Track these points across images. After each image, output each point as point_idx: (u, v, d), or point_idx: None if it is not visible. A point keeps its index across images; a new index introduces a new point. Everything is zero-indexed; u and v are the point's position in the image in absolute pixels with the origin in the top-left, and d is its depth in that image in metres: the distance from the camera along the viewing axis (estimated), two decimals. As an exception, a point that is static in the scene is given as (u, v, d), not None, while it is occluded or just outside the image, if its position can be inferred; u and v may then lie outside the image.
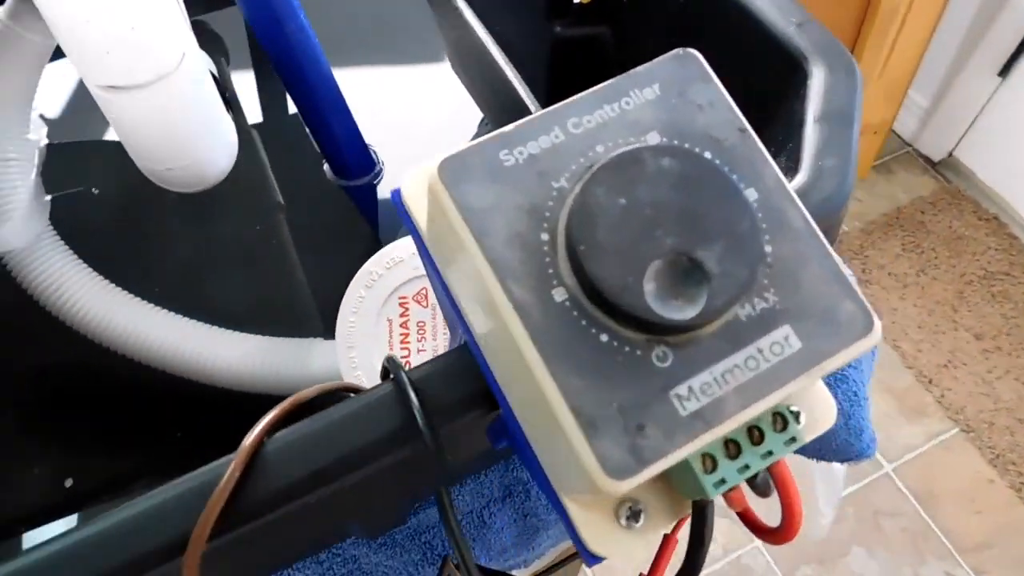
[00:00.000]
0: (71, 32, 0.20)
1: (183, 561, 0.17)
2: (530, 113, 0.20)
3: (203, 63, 0.23)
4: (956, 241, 1.36)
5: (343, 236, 0.44)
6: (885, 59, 1.24)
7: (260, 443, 0.18)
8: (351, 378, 0.30)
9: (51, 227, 0.38)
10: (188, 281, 0.41)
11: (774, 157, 0.26)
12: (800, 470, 0.52)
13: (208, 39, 0.56)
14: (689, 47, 0.30)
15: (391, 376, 0.20)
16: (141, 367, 0.36)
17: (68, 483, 0.34)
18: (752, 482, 0.36)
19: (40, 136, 0.40)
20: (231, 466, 0.17)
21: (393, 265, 0.30)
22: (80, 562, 0.17)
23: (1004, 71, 1.29)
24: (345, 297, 0.31)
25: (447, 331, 0.30)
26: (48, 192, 0.39)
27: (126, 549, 0.17)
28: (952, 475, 1.18)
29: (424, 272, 0.30)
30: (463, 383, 0.19)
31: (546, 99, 0.41)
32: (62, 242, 0.38)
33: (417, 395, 0.18)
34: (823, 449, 0.45)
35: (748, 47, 0.27)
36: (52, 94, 0.47)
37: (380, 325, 0.30)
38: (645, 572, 0.23)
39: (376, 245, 0.43)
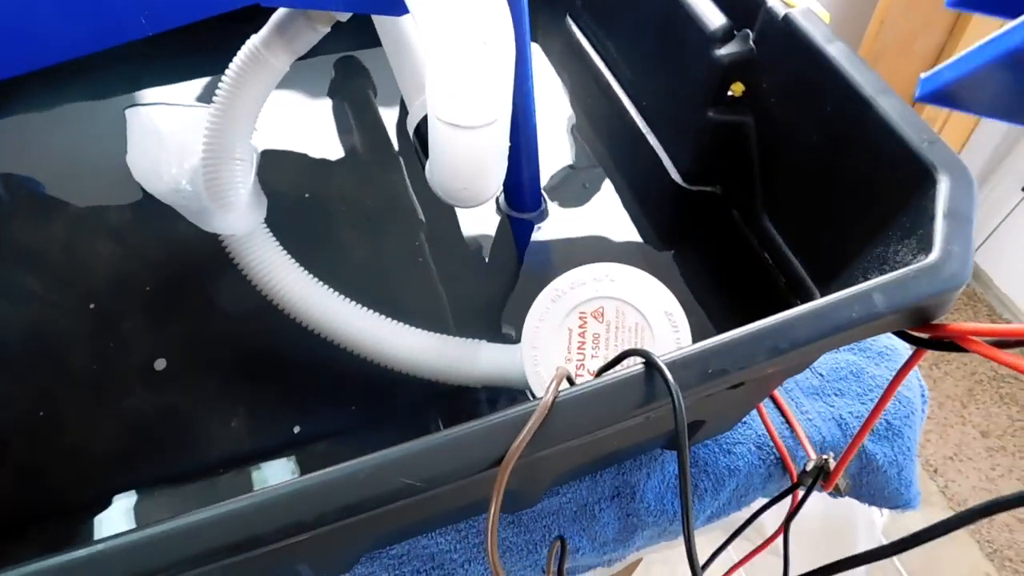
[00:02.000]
0: (445, 75, 0.27)
1: (499, 470, 0.24)
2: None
3: (509, 111, 0.30)
4: (970, 341, 1.43)
5: (479, 259, 0.52)
6: (921, 164, 1.32)
7: (555, 398, 0.25)
8: (532, 372, 0.37)
9: (265, 223, 0.46)
10: (357, 277, 0.49)
11: (903, 238, 0.33)
12: (845, 517, 0.59)
13: (357, 72, 0.64)
14: (833, 147, 0.38)
15: (606, 369, 0.27)
16: (330, 345, 0.43)
17: (296, 429, 0.41)
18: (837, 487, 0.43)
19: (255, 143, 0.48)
20: (541, 406, 0.25)
21: (577, 286, 0.37)
22: (435, 459, 0.24)
23: (1027, 189, 1.38)
24: (533, 306, 0.38)
25: (618, 344, 0.37)
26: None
27: (458, 459, 0.24)
28: (951, 565, 1.23)
29: (602, 293, 0.37)
30: (691, 372, 0.26)
31: (684, 175, 0.49)
32: (273, 236, 0.45)
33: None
34: (876, 495, 0.52)
35: (887, 156, 0.35)
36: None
37: (561, 332, 0.37)
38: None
39: (517, 272, 0.51)
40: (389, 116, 0.61)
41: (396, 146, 0.58)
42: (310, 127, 0.59)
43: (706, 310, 0.46)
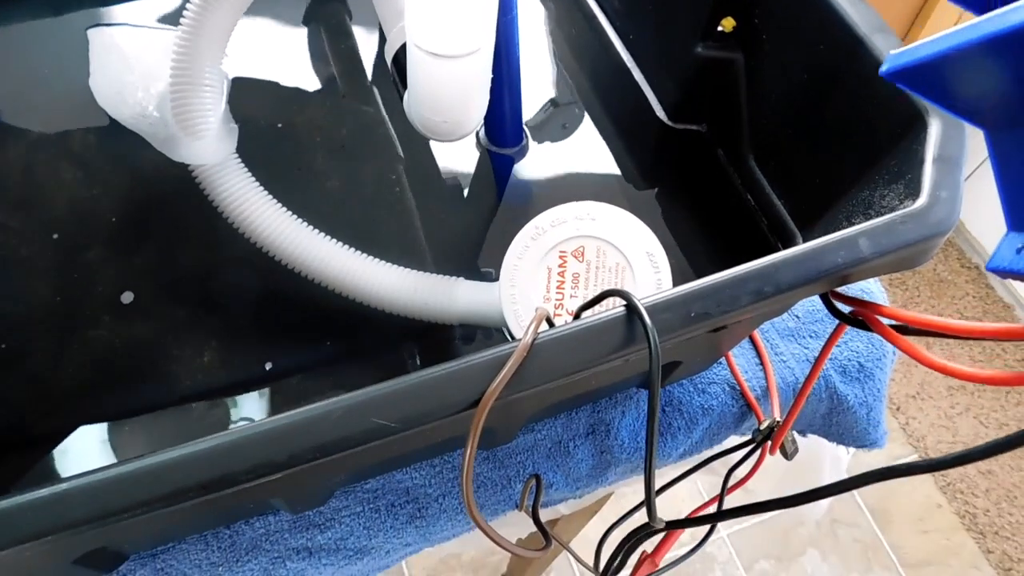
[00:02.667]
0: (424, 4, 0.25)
1: (476, 411, 0.24)
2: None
3: (492, 40, 0.29)
4: (938, 284, 1.46)
5: (457, 194, 0.51)
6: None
7: (533, 340, 0.25)
8: (510, 310, 0.37)
9: (235, 153, 0.44)
10: (331, 211, 0.48)
11: (890, 182, 0.33)
12: (813, 452, 0.60)
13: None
14: (824, 87, 0.37)
15: (586, 308, 0.27)
16: (303, 279, 0.42)
17: (268, 366, 0.40)
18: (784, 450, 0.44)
19: (225, 70, 0.46)
20: (519, 347, 0.24)
21: (558, 224, 0.37)
22: (411, 400, 0.24)
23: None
24: (512, 244, 0.37)
25: (598, 285, 0.36)
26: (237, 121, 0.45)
27: (434, 400, 0.24)
28: (906, 496, 1.28)
29: (583, 232, 0.37)
30: (672, 316, 0.26)
31: (669, 113, 0.48)
32: (244, 166, 0.44)
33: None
34: (844, 434, 0.53)
35: (878, 97, 0.34)
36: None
37: (540, 271, 0.37)
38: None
39: (496, 207, 0.50)
40: (366, 44, 0.58)
41: (371, 75, 0.56)
42: (283, 54, 0.56)
43: (686, 251, 0.45)
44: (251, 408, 0.41)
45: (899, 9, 1.22)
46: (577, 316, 0.32)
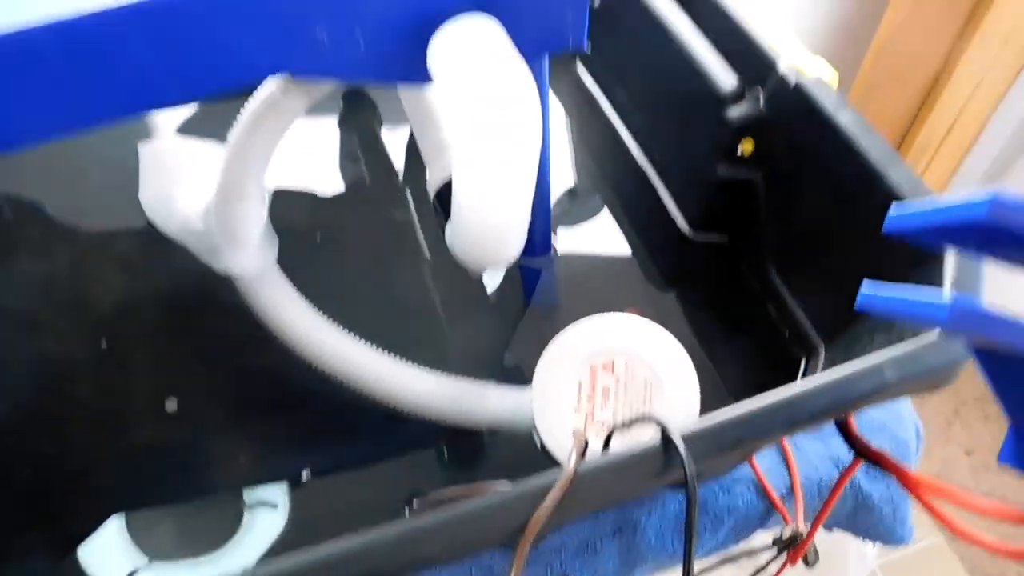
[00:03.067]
0: (472, 161, 0.27)
1: (521, 543, 0.25)
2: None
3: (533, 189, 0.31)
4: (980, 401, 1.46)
5: (487, 300, 0.52)
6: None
7: (575, 471, 0.26)
8: (541, 423, 0.38)
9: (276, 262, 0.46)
10: (366, 316, 0.49)
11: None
12: (839, 546, 0.60)
13: (364, 105, 0.65)
14: (842, 210, 0.39)
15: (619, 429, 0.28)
16: (338, 383, 0.44)
17: (304, 473, 0.41)
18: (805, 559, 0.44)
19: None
20: (564, 477, 0.25)
21: (589, 336, 0.38)
22: (456, 531, 0.25)
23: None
24: (543, 356, 0.38)
25: (627, 398, 0.38)
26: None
27: (482, 531, 0.25)
28: (933, 581, 1.25)
29: (613, 346, 0.38)
30: (706, 444, 0.27)
31: (691, 224, 0.50)
32: (283, 275, 0.46)
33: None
34: (870, 531, 0.53)
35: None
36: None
37: (571, 383, 0.38)
38: None
39: (523, 311, 0.51)
40: (395, 147, 0.61)
41: (402, 180, 0.59)
42: (318, 161, 0.59)
43: (710, 358, 0.46)
44: (288, 512, 0.41)
45: (896, 111, 1.26)
46: (609, 437, 0.34)
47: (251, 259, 0.45)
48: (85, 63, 0.27)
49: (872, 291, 0.19)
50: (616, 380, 0.38)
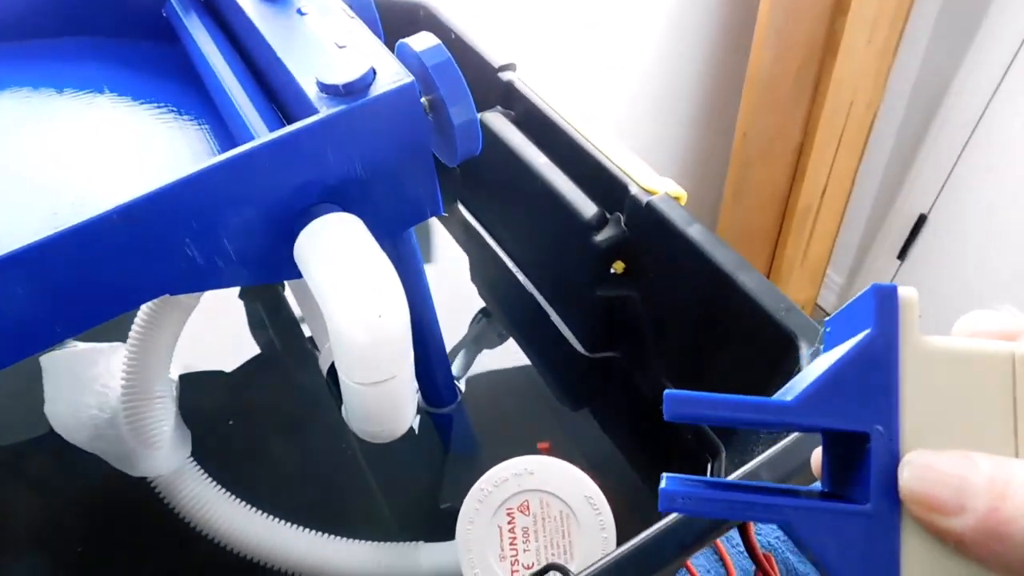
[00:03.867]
0: (347, 347, 0.29)
1: None
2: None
3: (411, 359, 0.33)
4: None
5: (408, 451, 0.53)
6: (804, 249, 1.44)
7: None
8: (469, 572, 0.39)
9: (191, 457, 0.46)
10: (291, 493, 0.50)
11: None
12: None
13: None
14: (708, 315, 0.43)
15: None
16: (270, 572, 0.44)
17: None
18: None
19: (174, 376, 0.49)
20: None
21: (500, 483, 0.40)
22: None
23: (901, 255, 1.50)
24: (463, 508, 0.40)
25: (546, 535, 0.39)
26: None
27: None
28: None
29: (524, 487, 0.40)
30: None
31: (585, 345, 0.53)
32: (200, 468, 0.46)
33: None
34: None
35: (752, 323, 0.39)
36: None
37: (492, 531, 0.39)
38: None
39: (444, 457, 0.53)
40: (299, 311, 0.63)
41: (310, 343, 0.60)
42: (224, 337, 0.60)
43: (626, 471, 0.49)
44: None
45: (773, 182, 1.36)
46: (529, 581, 0.35)
47: (165, 459, 0.45)
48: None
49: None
50: (533, 519, 0.39)
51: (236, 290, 0.65)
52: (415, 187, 0.35)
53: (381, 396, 0.31)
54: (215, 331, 0.60)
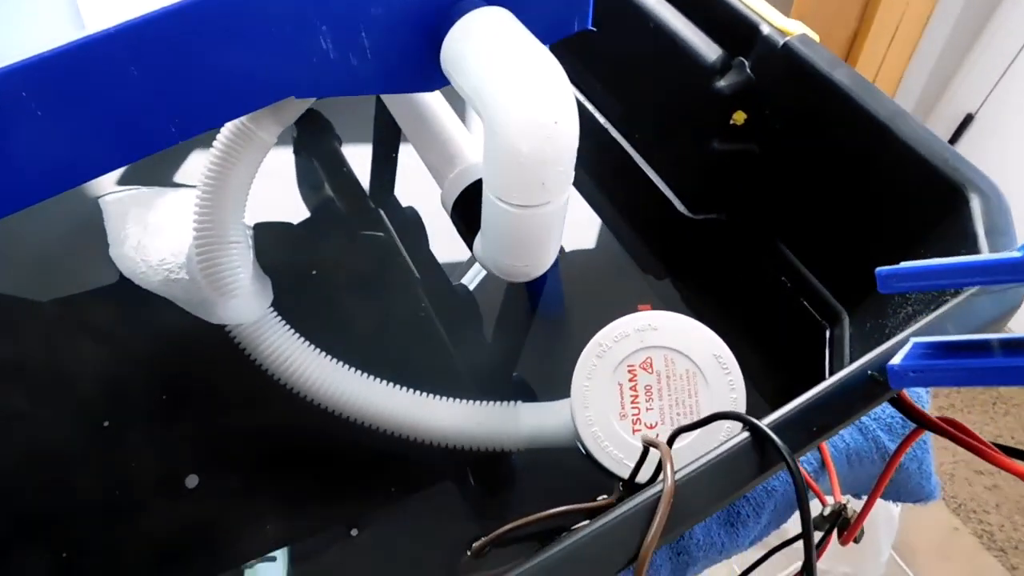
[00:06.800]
0: (513, 160, 0.25)
1: (636, 570, 0.23)
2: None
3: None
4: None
5: (488, 310, 0.50)
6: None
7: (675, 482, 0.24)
8: (588, 433, 0.36)
9: (272, 307, 0.43)
10: (368, 350, 0.47)
11: (940, 256, 0.34)
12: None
13: (321, 126, 0.62)
14: (849, 171, 0.39)
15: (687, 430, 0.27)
16: (357, 427, 0.41)
17: (353, 531, 0.38)
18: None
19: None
20: (665, 494, 0.24)
21: (621, 338, 0.37)
22: (568, 568, 0.23)
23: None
24: (578, 364, 0.37)
25: (671, 394, 0.36)
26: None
27: (593, 564, 0.23)
28: (923, 524, 1.28)
29: (648, 343, 0.37)
30: (797, 433, 0.26)
31: (688, 205, 0.49)
32: (281, 319, 0.43)
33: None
34: (900, 491, 0.53)
35: (910, 178, 0.36)
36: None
37: (611, 388, 0.36)
38: None
39: (528, 321, 0.49)
40: (358, 167, 0.59)
41: (373, 202, 0.56)
42: (283, 193, 0.56)
43: (731, 339, 0.46)
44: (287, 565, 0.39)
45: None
46: (674, 437, 0.32)
47: (246, 307, 0.42)
48: (69, 104, 0.24)
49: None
50: (657, 377, 0.37)
51: (290, 148, 0.60)
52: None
53: (534, 223, 0.27)
54: (272, 190, 0.56)
